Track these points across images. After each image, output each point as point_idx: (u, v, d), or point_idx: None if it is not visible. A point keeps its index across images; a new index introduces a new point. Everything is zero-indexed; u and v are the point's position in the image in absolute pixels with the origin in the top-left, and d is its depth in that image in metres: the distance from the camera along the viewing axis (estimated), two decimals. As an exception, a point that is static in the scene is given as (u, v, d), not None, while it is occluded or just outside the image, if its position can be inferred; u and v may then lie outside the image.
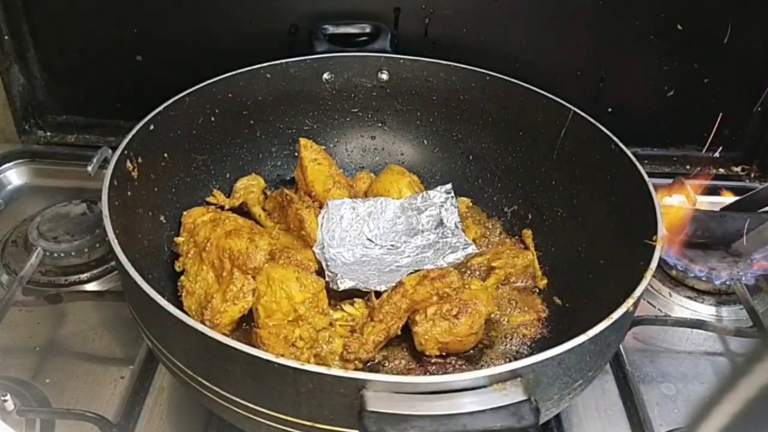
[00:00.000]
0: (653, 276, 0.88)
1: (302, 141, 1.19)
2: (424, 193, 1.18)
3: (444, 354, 0.99)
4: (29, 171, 1.43)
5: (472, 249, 1.11)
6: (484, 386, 0.69)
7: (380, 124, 1.33)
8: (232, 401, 0.77)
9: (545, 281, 1.12)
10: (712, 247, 1.22)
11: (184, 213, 1.10)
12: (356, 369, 0.95)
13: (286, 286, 0.94)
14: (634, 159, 1.02)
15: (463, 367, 0.99)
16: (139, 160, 1.02)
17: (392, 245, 1.13)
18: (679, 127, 1.47)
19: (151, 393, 1.01)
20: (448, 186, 1.19)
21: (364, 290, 1.03)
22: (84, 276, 1.19)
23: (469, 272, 1.13)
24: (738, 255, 1.19)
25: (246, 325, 0.99)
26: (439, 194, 1.17)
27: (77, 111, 1.48)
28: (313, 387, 0.70)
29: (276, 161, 1.30)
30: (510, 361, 0.91)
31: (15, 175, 1.42)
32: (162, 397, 1.00)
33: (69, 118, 1.49)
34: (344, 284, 1.03)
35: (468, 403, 0.68)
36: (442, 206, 1.16)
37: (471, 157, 1.28)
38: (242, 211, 1.18)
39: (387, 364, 0.99)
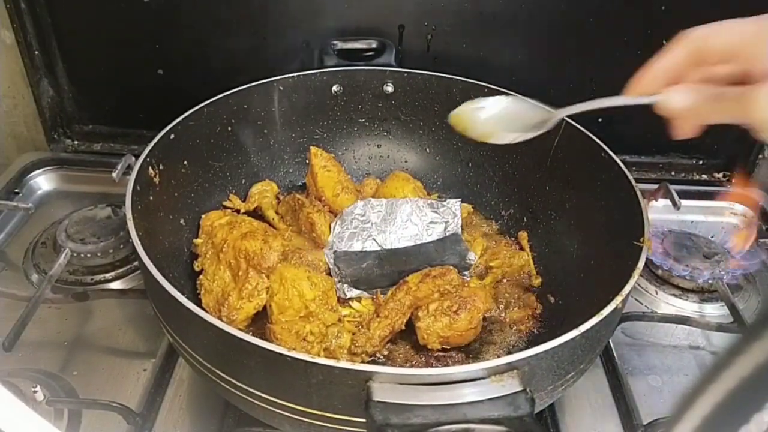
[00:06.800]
0: (640, 275, 0.88)
1: (313, 149, 1.19)
2: (434, 202, 1.17)
3: (445, 348, 0.99)
4: (58, 177, 1.43)
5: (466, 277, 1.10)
6: (483, 378, 0.70)
7: (386, 133, 1.33)
8: (247, 392, 0.78)
9: (540, 280, 1.13)
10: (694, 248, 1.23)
11: (203, 216, 1.11)
12: (363, 362, 0.95)
13: (297, 284, 0.94)
14: (622, 166, 1.02)
15: (463, 360, 0.99)
16: (161, 167, 1.03)
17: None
18: (664, 136, 1.47)
19: (172, 384, 1.01)
20: (457, 206, 1.17)
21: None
22: (109, 275, 1.19)
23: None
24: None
25: (260, 321, 1.00)
26: (449, 211, 1.16)
27: (103, 121, 1.48)
28: (323, 378, 0.71)
29: (288, 168, 1.30)
30: (507, 354, 0.91)
31: (44, 181, 1.42)
32: (182, 388, 1.00)
33: (95, 127, 1.49)
34: (351, 293, 1.04)
35: (468, 394, 0.68)
36: (448, 223, 1.15)
37: (470, 164, 1.28)
38: (257, 214, 1.19)
39: (392, 357, 0.99)
